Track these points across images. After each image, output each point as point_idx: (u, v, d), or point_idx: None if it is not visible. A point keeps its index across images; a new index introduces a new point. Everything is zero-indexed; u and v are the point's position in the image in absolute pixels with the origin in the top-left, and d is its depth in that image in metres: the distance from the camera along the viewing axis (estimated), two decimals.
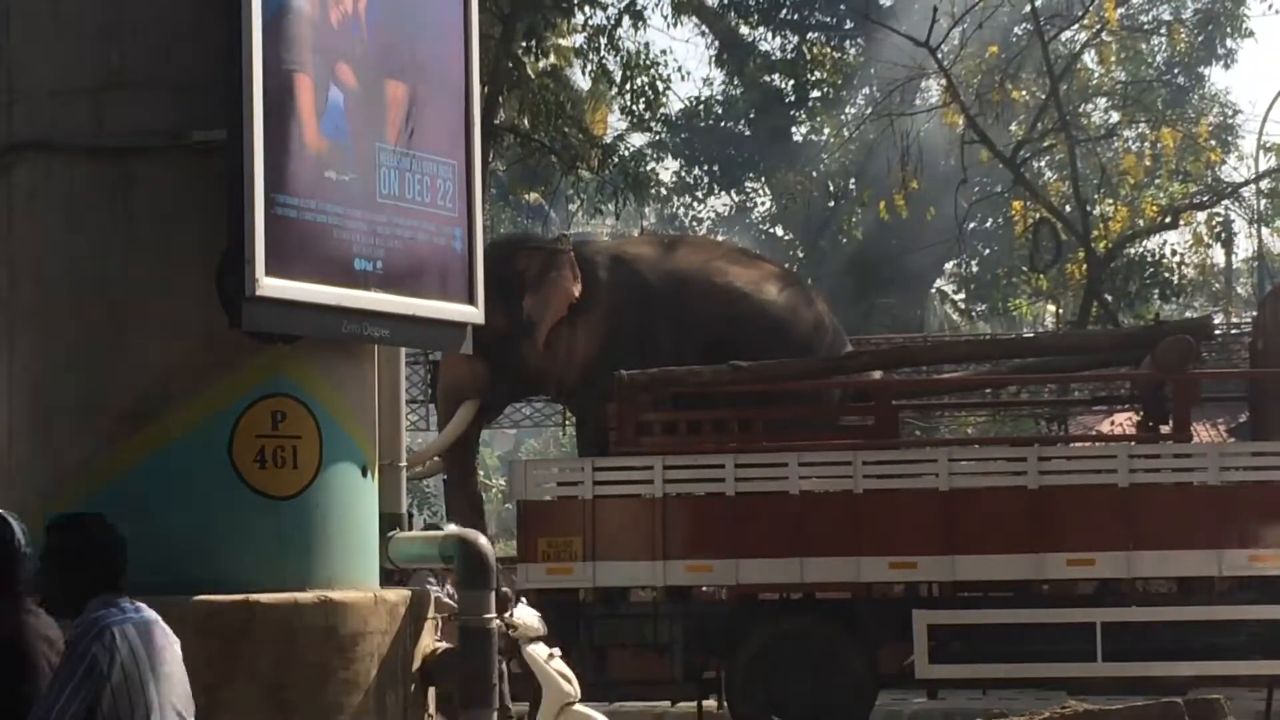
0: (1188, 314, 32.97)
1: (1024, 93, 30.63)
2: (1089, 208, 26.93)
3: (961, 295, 45.45)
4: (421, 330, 9.65)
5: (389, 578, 10.01)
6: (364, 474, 9.35)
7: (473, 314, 9.85)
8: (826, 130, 41.58)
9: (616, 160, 29.60)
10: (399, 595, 9.14)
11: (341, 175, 9.00)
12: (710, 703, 16.53)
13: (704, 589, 16.97)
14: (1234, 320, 29.68)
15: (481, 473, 25.13)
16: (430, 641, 9.44)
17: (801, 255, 43.39)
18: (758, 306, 17.72)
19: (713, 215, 45.00)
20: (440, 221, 9.63)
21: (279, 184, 8.64)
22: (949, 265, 42.91)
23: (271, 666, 8.53)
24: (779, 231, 45.97)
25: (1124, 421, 22.38)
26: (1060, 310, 34.17)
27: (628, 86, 28.56)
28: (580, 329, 17.56)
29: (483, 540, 9.56)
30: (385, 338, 9.41)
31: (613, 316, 17.55)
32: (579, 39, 30.30)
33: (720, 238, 39.79)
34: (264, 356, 8.91)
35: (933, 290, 45.42)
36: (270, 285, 8.52)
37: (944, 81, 28.18)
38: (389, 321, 9.27)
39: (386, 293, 9.21)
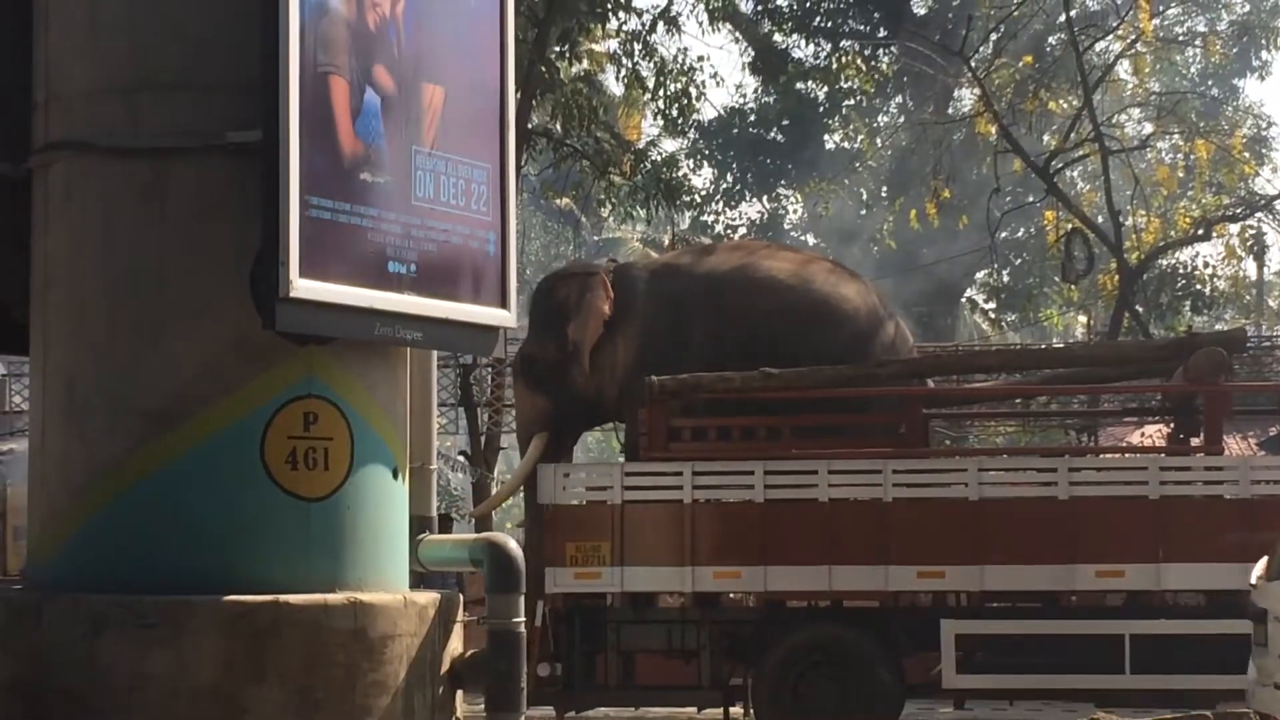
0: (1219, 326, 32.92)
1: (1058, 102, 30.58)
2: (1121, 218, 26.84)
3: (992, 305, 45.39)
4: (454, 333, 9.67)
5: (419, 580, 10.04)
6: (395, 476, 9.37)
7: (505, 318, 9.87)
8: (859, 138, 41.56)
9: (649, 166, 29.58)
10: (428, 598, 9.15)
11: (376, 178, 9.04)
12: (737, 710, 16.49)
13: (732, 595, 16.94)
14: (1265, 333, 29.60)
15: None
16: (458, 644, 9.45)
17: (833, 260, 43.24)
18: (800, 296, 17.59)
19: (745, 222, 45.00)
20: (474, 225, 9.66)
21: (314, 186, 8.67)
22: (980, 274, 42.84)
23: (300, 668, 8.55)
24: (811, 239, 45.98)
25: (1154, 433, 22.31)
26: (1091, 321, 34.11)
27: (661, 92, 28.57)
28: (619, 344, 17.57)
29: (512, 544, 9.57)
30: (418, 340, 9.44)
31: (647, 326, 17.53)
32: (613, 44, 30.33)
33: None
34: (297, 358, 8.94)
35: (964, 299, 45.38)
36: (304, 287, 8.55)
37: (977, 90, 28.15)
38: (421, 324, 9.30)
39: (419, 295, 9.24)
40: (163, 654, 8.45)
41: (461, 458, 30.28)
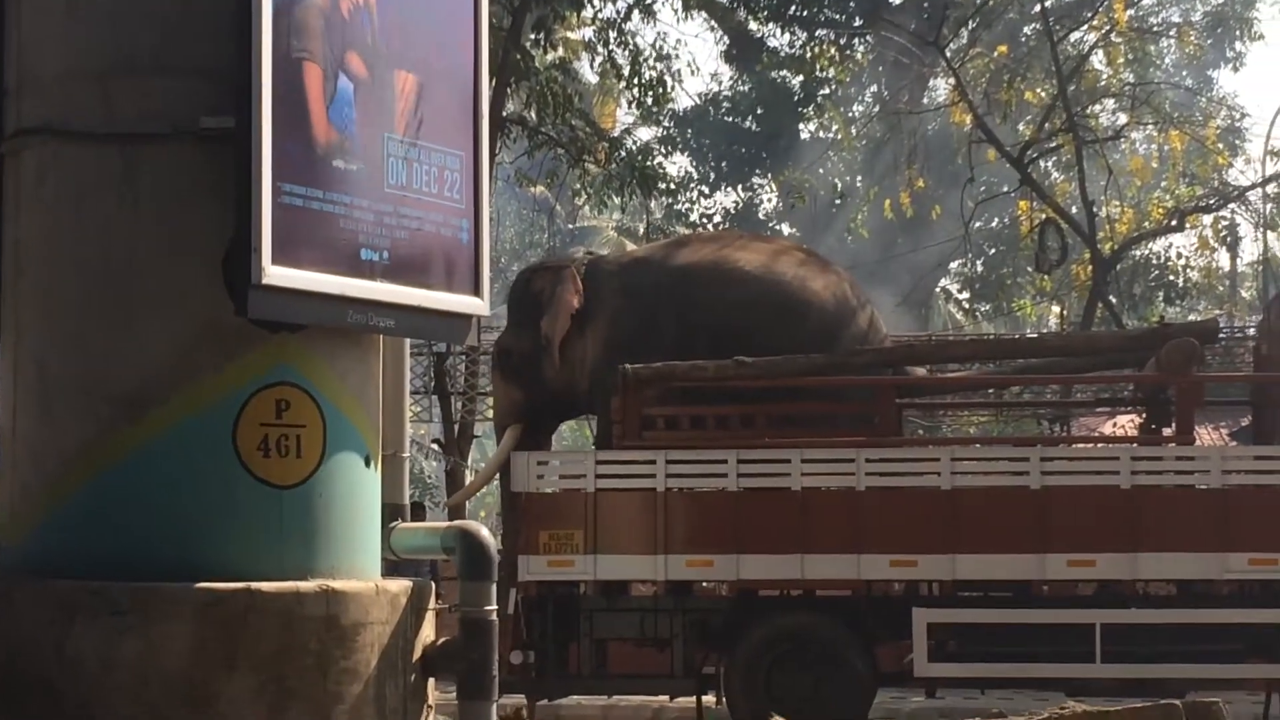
0: (1192, 317, 32.98)
1: (1034, 92, 30.61)
2: (1095, 209, 26.88)
3: (966, 295, 45.47)
4: (427, 321, 9.65)
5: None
6: (367, 464, 9.36)
7: (478, 306, 9.85)
8: (834, 128, 41.57)
9: (624, 154, 29.57)
10: (400, 586, 9.14)
11: (349, 165, 9.02)
12: (709, 698, 16.53)
13: (704, 584, 16.97)
14: (1238, 324, 29.66)
15: None
16: (431, 632, 9.44)
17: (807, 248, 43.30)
18: (770, 288, 17.62)
19: (720, 211, 45.01)
20: (447, 212, 9.64)
21: (286, 173, 8.65)
22: (954, 265, 42.90)
23: (272, 655, 8.53)
24: (785, 229, 45.98)
25: (1127, 423, 22.37)
26: (1065, 311, 34.16)
27: (636, 80, 28.57)
28: (589, 337, 17.65)
29: (484, 532, 9.56)
30: (391, 328, 9.42)
31: (616, 318, 17.60)
32: (588, 32, 30.30)
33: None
34: (269, 345, 8.91)
35: (937, 290, 45.45)
36: (276, 274, 8.53)
37: (952, 80, 28.19)
38: (394, 312, 9.28)
39: (392, 283, 9.22)
40: (133, 641, 8.42)
41: (435, 446, 30.24)
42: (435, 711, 9.53)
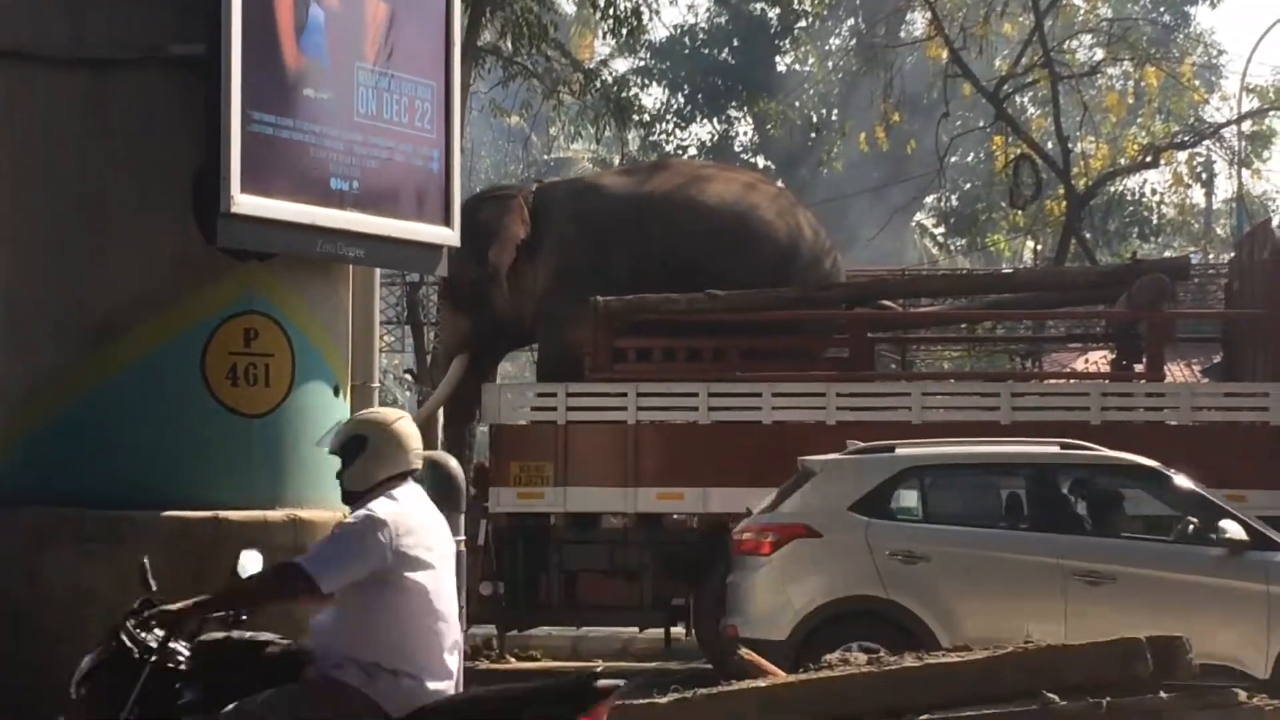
0: (1167, 254, 33.00)
1: (1011, 24, 30.50)
2: (1070, 145, 26.85)
3: (941, 230, 45.44)
4: (397, 251, 9.66)
5: None
6: (336, 393, 9.38)
7: (448, 236, 9.86)
8: (810, 60, 41.45)
9: (599, 85, 29.46)
10: None
11: (319, 94, 9.00)
12: (678, 630, 16.56)
13: (675, 517, 16.96)
14: (1212, 261, 29.69)
15: None
16: None
17: (782, 185, 43.32)
18: (722, 220, 17.44)
19: (695, 143, 44.92)
20: (418, 142, 9.63)
21: (256, 101, 8.64)
22: (930, 199, 42.89)
23: None
24: (760, 161, 45.90)
25: (1099, 360, 22.38)
26: (1039, 247, 34.19)
27: (612, 11, 28.44)
28: (538, 266, 17.45)
29: (452, 462, 9.56)
30: (360, 258, 9.43)
31: (565, 248, 17.41)
32: None
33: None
34: (238, 274, 8.92)
35: (913, 224, 45.43)
36: (246, 202, 8.53)
37: (928, 14, 28.09)
38: (364, 241, 9.29)
39: (362, 213, 9.23)
40: (103, 568, 8.44)
41: (408, 376, 30.22)
42: None
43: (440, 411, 18.31)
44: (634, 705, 8.64)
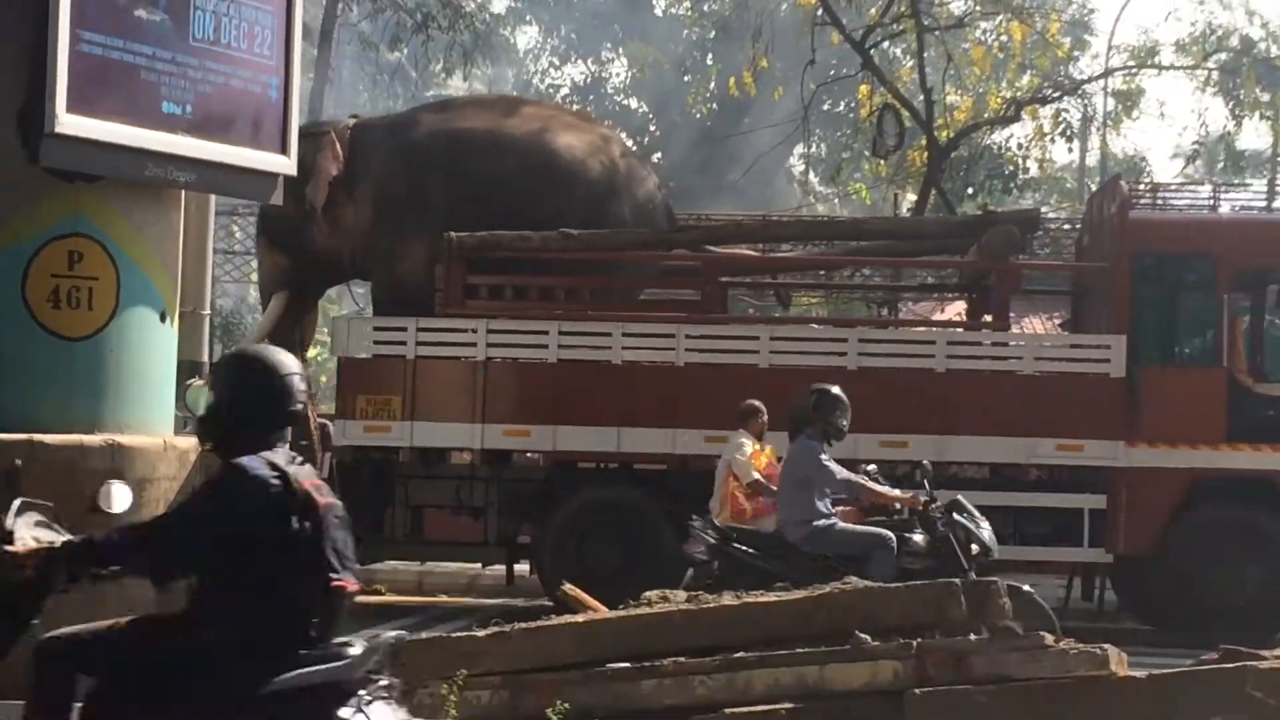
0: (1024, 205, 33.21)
1: None
2: (934, 96, 26.95)
3: (814, 177, 45.59)
4: (230, 178, 9.58)
5: None
6: (163, 319, 9.29)
7: (284, 164, 9.79)
8: (684, 4, 41.41)
9: (470, 22, 29.32)
10: (190, 443, 9.10)
11: (152, 15, 8.90)
12: (522, 567, 16.60)
13: (526, 454, 16.98)
14: (1075, 216, 29.88)
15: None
16: None
17: (654, 128, 43.38)
18: (539, 158, 17.30)
19: (568, 83, 44.83)
20: (256, 69, 9.55)
21: (85, 20, 8.53)
22: (799, 147, 43.00)
23: None
24: (633, 103, 45.87)
25: (958, 312, 22.54)
26: (898, 197, 34.35)
27: None
28: (356, 202, 17.30)
29: None
30: (191, 182, 9.35)
31: (381, 183, 17.27)
32: None
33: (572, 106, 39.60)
34: (63, 195, 8.82)
35: (783, 170, 45.57)
36: (71, 123, 8.43)
37: None
38: (196, 167, 9.21)
39: (195, 137, 9.13)
40: None
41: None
42: None
43: None
44: (452, 638, 8.68)
